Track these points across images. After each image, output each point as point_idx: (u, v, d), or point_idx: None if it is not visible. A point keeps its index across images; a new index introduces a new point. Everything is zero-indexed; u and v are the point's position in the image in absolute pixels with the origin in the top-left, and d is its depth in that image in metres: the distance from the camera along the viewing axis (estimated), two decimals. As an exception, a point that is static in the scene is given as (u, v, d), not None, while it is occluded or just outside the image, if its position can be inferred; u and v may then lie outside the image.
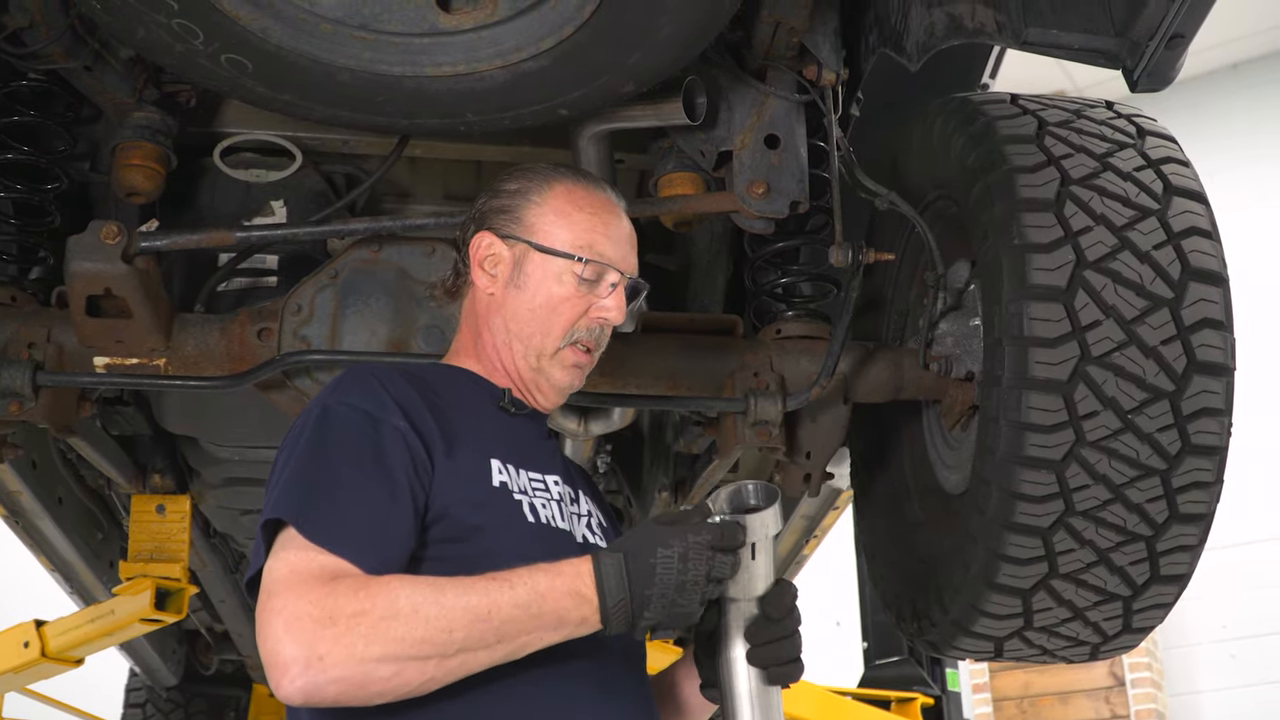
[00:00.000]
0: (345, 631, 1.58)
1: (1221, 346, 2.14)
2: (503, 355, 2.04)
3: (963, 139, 2.37)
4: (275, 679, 1.58)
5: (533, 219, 2.05)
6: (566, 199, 2.06)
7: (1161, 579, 2.23)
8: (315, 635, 1.57)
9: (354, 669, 1.57)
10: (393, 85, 2.30)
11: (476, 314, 2.08)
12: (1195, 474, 2.14)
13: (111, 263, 2.38)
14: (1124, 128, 2.34)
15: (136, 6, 2.10)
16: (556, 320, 2.02)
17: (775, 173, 2.53)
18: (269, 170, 2.87)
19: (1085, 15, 1.98)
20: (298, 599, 1.60)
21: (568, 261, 2.01)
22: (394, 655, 1.59)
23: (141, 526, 3.59)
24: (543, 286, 2.02)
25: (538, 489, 1.95)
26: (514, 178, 2.11)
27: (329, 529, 1.69)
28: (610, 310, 2.04)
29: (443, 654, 1.61)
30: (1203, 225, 2.20)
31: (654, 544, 1.69)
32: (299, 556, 1.66)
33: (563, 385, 2.06)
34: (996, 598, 2.24)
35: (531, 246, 2.03)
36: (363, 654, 1.58)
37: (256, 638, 1.62)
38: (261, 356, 2.55)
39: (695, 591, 1.69)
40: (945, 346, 2.56)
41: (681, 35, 2.19)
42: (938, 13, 2.30)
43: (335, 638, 1.57)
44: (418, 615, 1.60)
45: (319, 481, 1.74)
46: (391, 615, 1.60)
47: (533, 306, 2.02)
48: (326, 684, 1.57)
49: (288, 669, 1.57)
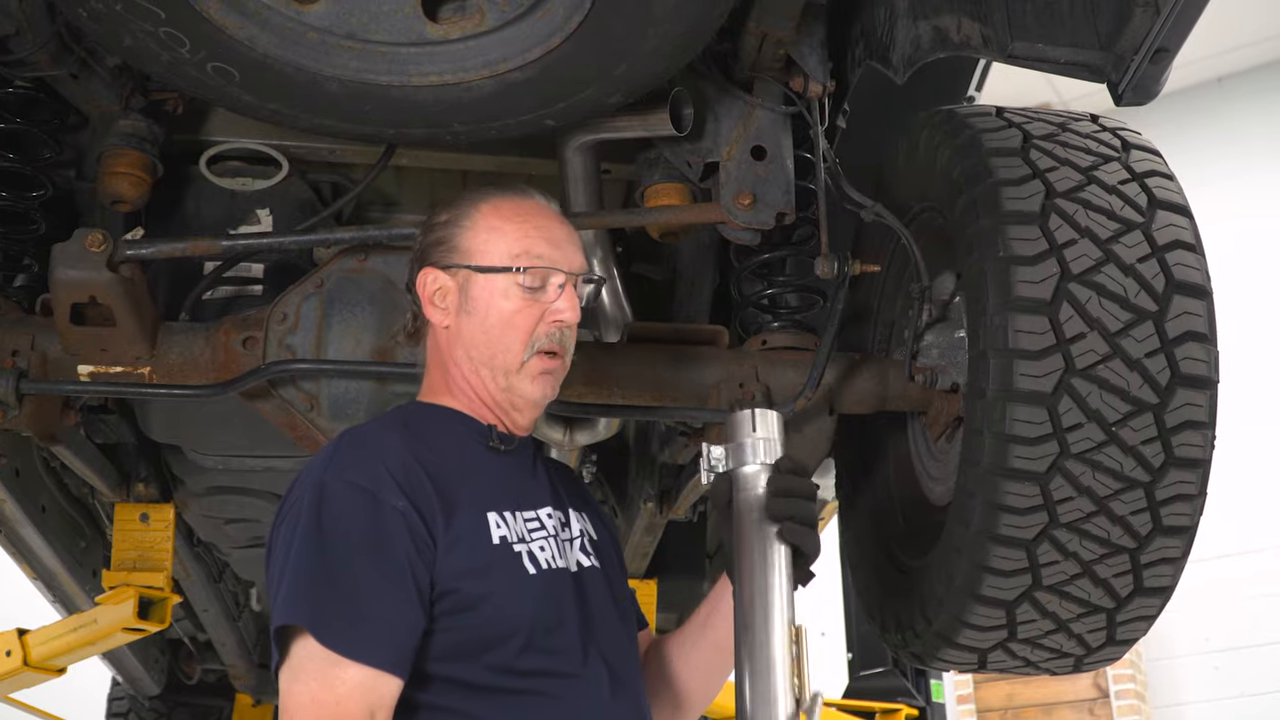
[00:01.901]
0: None
1: (1205, 359, 2.14)
2: (473, 384, 2.04)
3: (948, 151, 2.38)
4: None
5: (467, 243, 2.06)
6: (494, 214, 2.07)
7: (1145, 591, 2.24)
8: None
9: None
10: (380, 94, 2.30)
11: (440, 351, 2.08)
12: (1179, 486, 2.15)
13: (96, 271, 2.37)
14: (1109, 141, 2.35)
15: (123, 15, 2.09)
16: (513, 335, 2.01)
17: (761, 184, 2.53)
18: (255, 179, 2.87)
19: (1071, 29, 1.99)
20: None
21: (508, 274, 2.01)
22: None
23: (125, 535, 3.57)
24: (492, 306, 2.02)
25: (534, 531, 1.96)
26: (442, 210, 2.13)
27: (344, 635, 1.74)
28: (564, 311, 2.03)
29: None
30: (1186, 238, 2.21)
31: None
32: (318, 675, 1.73)
33: (536, 397, 2.05)
34: (980, 609, 2.25)
35: (471, 270, 2.03)
36: None
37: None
38: (246, 365, 2.54)
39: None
40: (930, 358, 2.56)
41: (668, 47, 2.19)
42: (924, 26, 2.31)
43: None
44: None
45: (327, 580, 1.77)
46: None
47: (486, 328, 2.02)
48: None
49: None
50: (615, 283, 2.91)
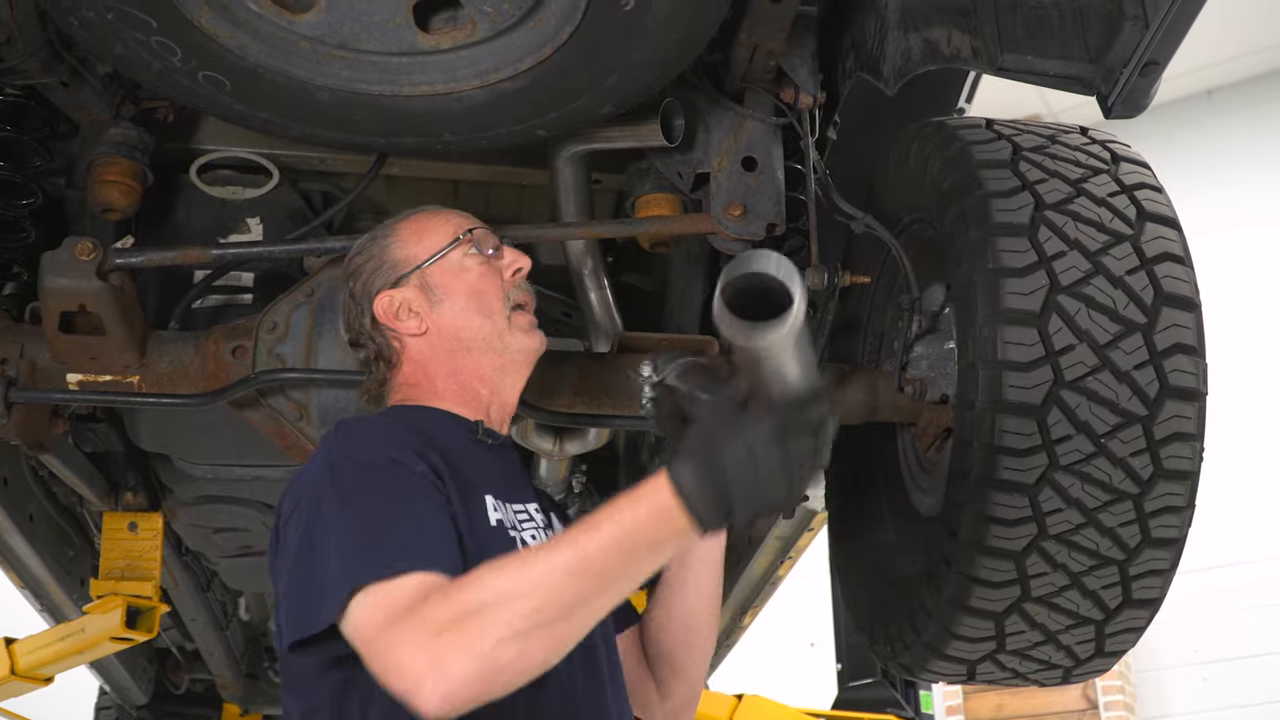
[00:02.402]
0: (456, 634, 1.55)
1: (1193, 371, 2.15)
2: (463, 377, 2.07)
3: (938, 163, 2.38)
4: (414, 703, 1.56)
5: (402, 252, 2.12)
6: (409, 223, 2.17)
7: (1134, 603, 2.24)
8: (431, 647, 1.55)
9: (479, 662, 1.54)
10: (370, 104, 2.31)
11: (418, 366, 2.09)
12: (1167, 498, 2.15)
13: (86, 279, 2.37)
14: (1098, 153, 2.36)
15: (114, 23, 2.09)
16: (489, 297, 2.08)
17: (752, 195, 2.53)
18: (246, 187, 2.87)
19: (1060, 42, 2.00)
20: (399, 628, 1.59)
21: (457, 248, 2.10)
22: (511, 635, 1.56)
23: (113, 544, 3.57)
24: (458, 283, 2.09)
25: (524, 521, 1.98)
26: (357, 253, 2.19)
27: (393, 557, 1.68)
28: (517, 260, 2.15)
29: (559, 616, 1.58)
30: (1175, 251, 2.22)
31: (719, 446, 1.60)
32: (380, 597, 1.64)
33: (533, 346, 2.12)
34: (969, 621, 2.25)
35: (423, 267, 2.10)
36: (480, 645, 1.55)
37: (379, 676, 1.61)
38: (236, 374, 2.54)
39: (777, 482, 1.61)
40: (920, 369, 2.56)
41: (659, 58, 2.20)
42: (914, 38, 2.32)
43: (450, 642, 1.55)
44: (516, 592, 1.58)
45: (364, 531, 1.72)
46: (491, 601, 1.57)
47: (464, 305, 2.08)
48: (460, 687, 1.54)
49: (420, 688, 1.55)
50: (606, 293, 2.91)
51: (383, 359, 2.12)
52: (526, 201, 3.04)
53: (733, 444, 1.59)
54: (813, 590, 6.23)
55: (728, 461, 1.59)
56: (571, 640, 1.62)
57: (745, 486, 1.59)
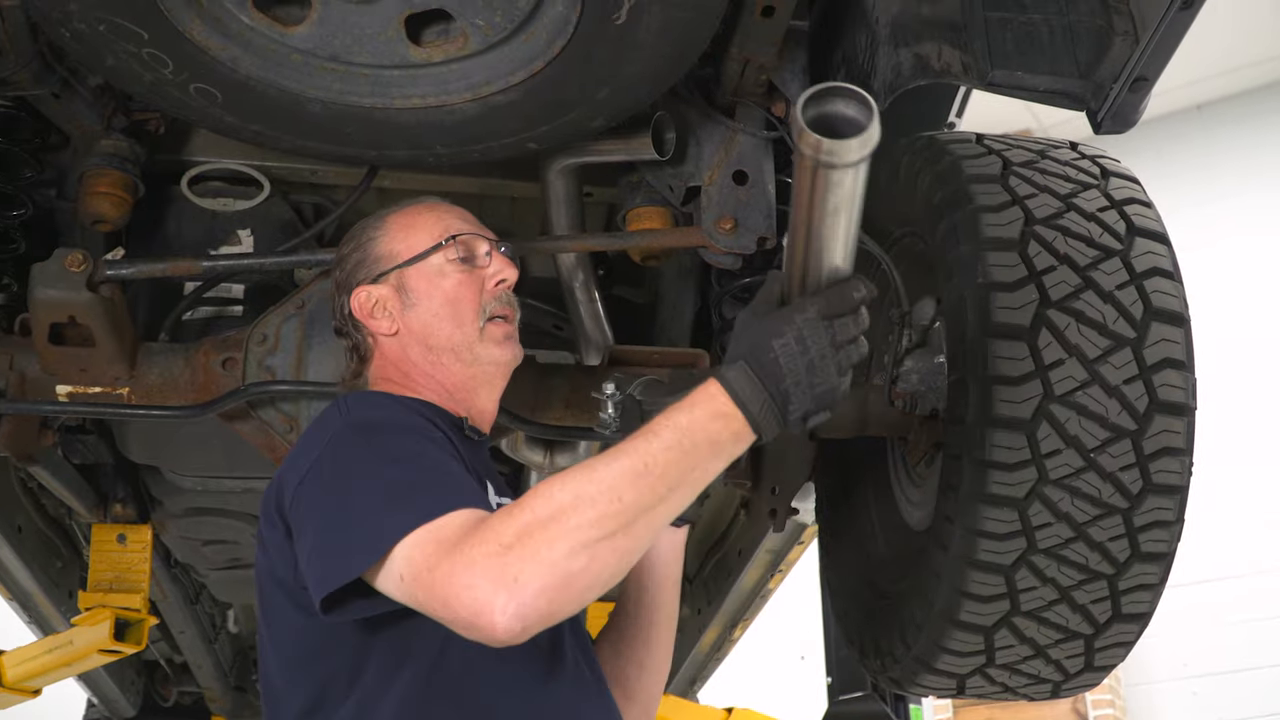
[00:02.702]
0: (524, 547, 1.53)
1: (1183, 386, 2.15)
2: (438, 377, 2.05)
3: (929, 177, 2.39)
4: (485, 625, 1.52)
5: (387, 248, 2.11)
6: (402, 216, 2.14)
7: (1123, 617, 2.24)
8: (500, 564, 1.52)
9: (550, 574, 1.52)
10: (362, 116, 2.31)
11: (392, 363, 2.08)
12: (1157, 513, 2.15)
13: (76, 291, 2.37)
14: (1088, 168, 2.37)
15: (106, 35, 2.09)
16: (463, 308, 2.06)
17: (743, 208, 2.54)
18: (237, 199, 2.87)
19: (1050, 58, 2.01)
20: (462, 551, 1.56)
21: (439, 253, 2.07)
22: (580, 544, 1.54)
23: (102, 556, 3.56)
24: (434, 289, 2.06)
25: None
26: (347, 241, 2.17)
27: (434, 502, 1.64)
28: (502, 271, 2.10)
29: (625, 523, 1.56)
30: (1165, 266, 2.22)
31: (767, 339, 1.61)
32: (428, 534, 1.60)
33: (505, 359, 2.09)
34: (958, 634, 2.24)
35: (402, 267, 2.08)
36: (550, 556, 1.52)
37: (439, 610, 1.57)
38: (226, 386, 2.54)
39: (827, 366, 1.62)
40: (910, 383, 2.56)
41: (651, 72, 2.20)
42: (904, 53, 2.32)
43: (519, 557, 1.52)
44: (581, 499, 1.56)
45: (400, 480, 1.70)
46: (556, 512, 1.55)
47: (436, 311, 2.05)
48: (533, 600, 1.51)
49: (491, 607, 1.51)
50: (597, 306, 2.91)
51: (357, 351, 2.12)
52: (518, 214, 3.04)
53: (780, 333, 1.60)
54: (803, 603, 6.23)
55: (778, 350, 1.59)
56: (636, 551, 1.60)
57: (797, 373, 1.60)
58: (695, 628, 4.74)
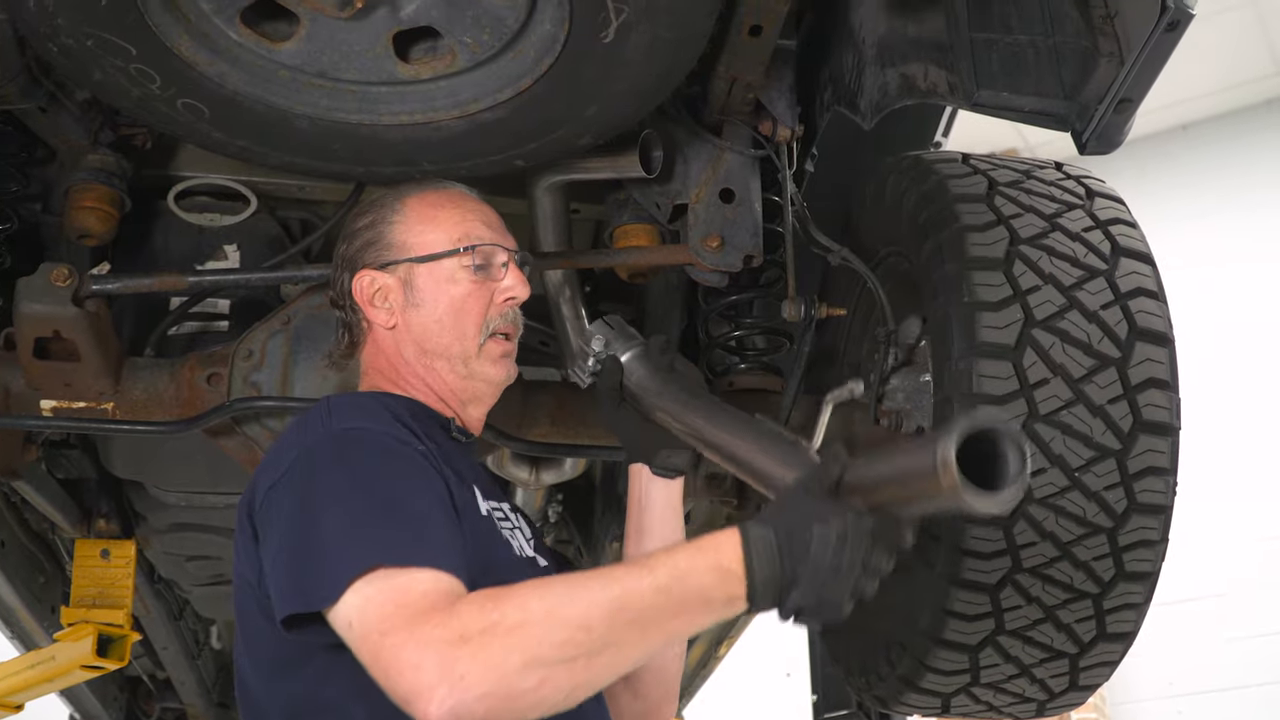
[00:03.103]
0: (480, 647, 1.49)
1: (1167, 406, 2.16)
2: (429, 380, 2.02)
3: (915, 197, 2.40)
4: (418, 709, 1.48)
5: (401, 237, 2.04)
6: (423, 204, 2.07)
7: (1108, 636, 2.24)
8: (451, 656, 1.48)
9: (498, 683, 1.48)
10: (349, 133, 2.31)
11: (384, 354, 2.05)
12: (1141, 532, 2.16)
13: (61, 305, 2.36)
14: (1073, 189, 2.38)
15: (94, 50, 2.09)
16: (467, 320, 2.01)
17: (730, 226, 2.54)
18: (223, 214, 2.86)
19: (1035, 78, 2.02)
20: (420, 626, 1.51)
21: (454, 258, 2.01)
22: (536, 661, 1.49)
23: (85, 571, 3.54)
24: (441, 294, 2.01)
25: (501, 521, 1.94)
26: (363, 213, 2.09)
27: (406, 545, 1.60)
28: (514, 288, 2.04)
29: (588, 653, 1.52)
30: (1149, 286, 2.23)
31: (810, 519, 1.54)
32: (390, 586, 1.56)
33: (500, 379, 2.05)
34: (943, 653, 2.25)
35: (413, 262, 2.02)
36: (503, 665, 1.48)
37: (378, 676, 1.53)
38: (211, 402, 2.53)
39: (849, 579, 1.55)
40: (896, 402, 2.57)
41: (638, 90, 2.21)
42: (891, 73, 2.33)
43: (472, 655, 1.48)
44: (553, 617, 1.51)
45: (372, 508, 1.65)
46: (525, 622, 1.50)
47: (439, 317, 2.01)
48: (473, 702, 1.47)
49: (432, 695, 1.47)
50: (583, 323, 2.91)
51: (350, 333, 2.08)
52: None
53: (826, 521, 1.54)
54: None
55: (815, 535, 1.53)
56: (590, 686, 1.55)
57: (819, 567, 1.54)
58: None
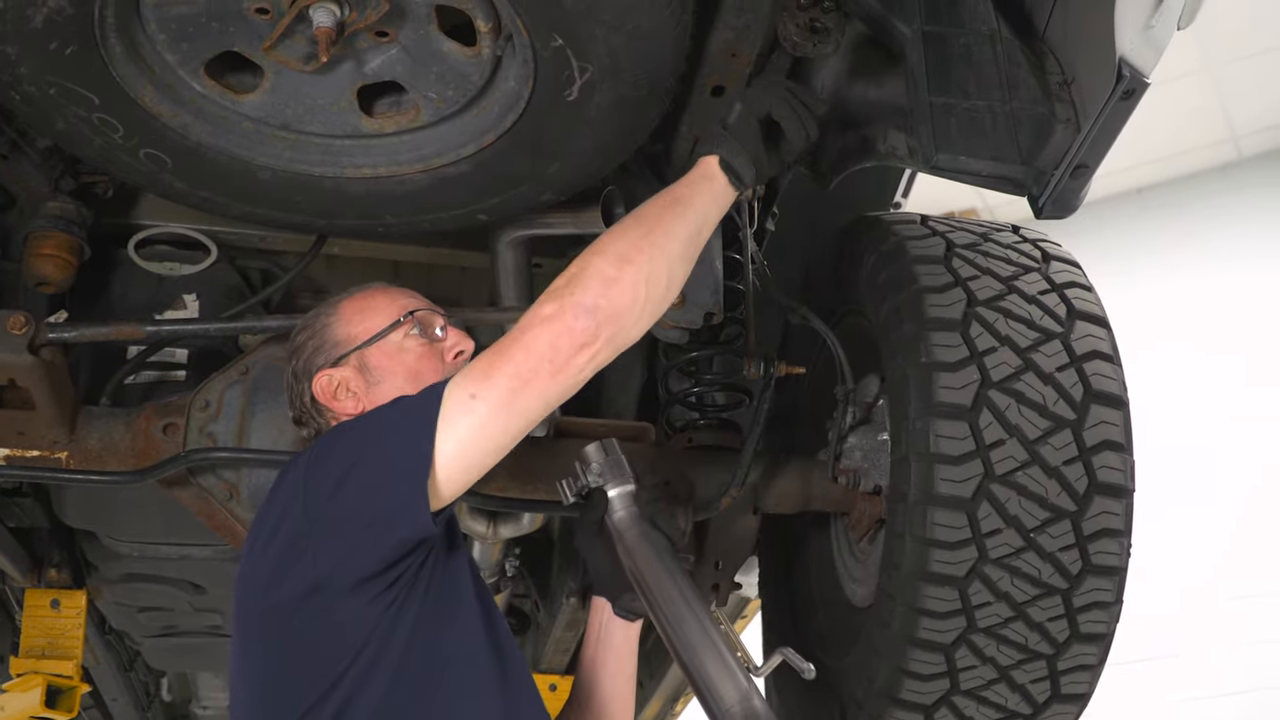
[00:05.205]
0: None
1: (1121, 468, 2.18)
2: None
3: (874, 257, 2.42)
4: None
5: (344, 332, 2.12)
6: (355, 300, 2.17)
7: (1062, 698, 2.25)
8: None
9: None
10: (312, 185, 2.31)
11: None
12: (1096, 594, 2.17)
13: (17, 353, 2.35)
14: (1029, 252, 2.41)
15: (57, 99, 2.09)
16: (426, 380, 2.05)
17: (691, 284, 2.53)
18: (183, 264, 2.85)
19: (993, 143, 2.04)
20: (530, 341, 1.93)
21: (398, 330, 2.10)
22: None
23: (35, 622, 3.49)
24: (396, 364, 2.09)
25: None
26: (301, 328, 2.19)
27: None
28: (460, 343, 2.14)
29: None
30: (1104, 349, 2.26)
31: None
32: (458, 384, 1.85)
33: None
34: (899, 713, 2.24)
35: (363, 347, 2.09)
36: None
37: (527, 360, 1.90)
38: (166, 452, 2.51)
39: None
40: (854, 460, 2.58)
41: (601, 147, 2.22)
42: (851, 135, 2.36)
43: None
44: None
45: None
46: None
47: (400, 386, 2.06)
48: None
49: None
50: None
51: (320, 435, 2.11)
52: (467, 284, 3.04)
53: None
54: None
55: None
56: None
57: None
58: (638, 703, 4.70)
